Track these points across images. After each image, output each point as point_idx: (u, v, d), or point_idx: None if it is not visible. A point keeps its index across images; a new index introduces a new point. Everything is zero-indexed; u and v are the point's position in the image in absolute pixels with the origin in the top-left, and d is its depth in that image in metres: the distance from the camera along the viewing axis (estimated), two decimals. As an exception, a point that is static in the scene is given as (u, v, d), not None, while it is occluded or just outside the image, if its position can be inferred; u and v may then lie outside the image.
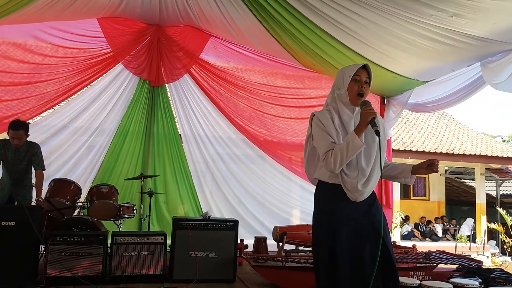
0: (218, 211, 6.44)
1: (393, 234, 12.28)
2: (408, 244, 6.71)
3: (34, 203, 4.48)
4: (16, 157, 4.63)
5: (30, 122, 5.57)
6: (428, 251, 5.07)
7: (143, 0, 5.38)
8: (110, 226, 5.29)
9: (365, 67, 2.44)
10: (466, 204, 17.08)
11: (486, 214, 14.57)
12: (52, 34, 5.74)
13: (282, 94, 6.66)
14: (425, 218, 15.12)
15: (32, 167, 4.72)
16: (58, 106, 6.01)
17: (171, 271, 4.16)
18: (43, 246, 4.02)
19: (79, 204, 4.99)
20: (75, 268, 3.91)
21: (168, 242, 4.29)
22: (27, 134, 4.63)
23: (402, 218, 13.70)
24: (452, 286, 3.33)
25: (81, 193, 5.06)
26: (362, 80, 2.41)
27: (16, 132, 4.53)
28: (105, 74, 6.17)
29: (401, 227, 13.93)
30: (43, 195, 4.62)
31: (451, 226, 15.27)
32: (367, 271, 2.28)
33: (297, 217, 6.78)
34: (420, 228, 14.66)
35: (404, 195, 15.76)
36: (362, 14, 4.15)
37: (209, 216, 4.42)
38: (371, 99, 2.49)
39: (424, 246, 10.78)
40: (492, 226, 13.75)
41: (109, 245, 4.18)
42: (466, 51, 4.39)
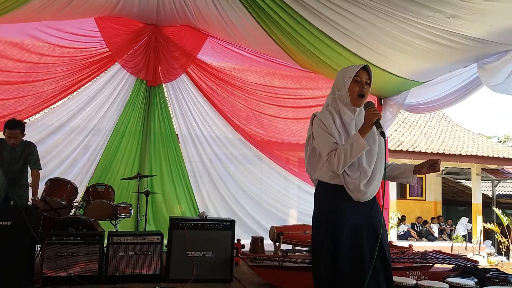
0: (215, 211, 6.43)
1: (389, 234, 12.30)
2: (404, 244, 6.73)
3: (30, 203, 4.46)
4: (12, 156, 4.62)
5: (26, 122, 5.55)
6: (424, 251, 5.08)
7: (140, 0, 5.37)
8: (106, 226, 5.27)
9: (365, 68, 2.44)
10: (462, 204, 17.15)
11: (482, 214, 14.63)
12: (49, 33, 5.72)
13: (279, 95, 6.66)
14: (421, 218, 15.16)
15: (28, 166, 4.71)
16: (54, 106, 5.99)
17: (168, 271, 4.16)
18: (39, 245, 4.01)
19: (75, 203, 4.97)
20: (71, 268, 3.90)
21: (165, 242, 4.29)
22: (23, 133, 4.62)
23: (398, 218, 13.74)
24: (448, 285, 3.34)
25: (77, 192, 5.05)
26: (362, 81, 2.41)
27: (12, 131, 4.51)
28: (102, 74, 6.15)
29: (397, 227, 13.96)
30: (39, 195, 4.61)
31: (447, 226, 15.32)
32: (367, 272, 2.27)
33: (294, 217, 6.79)
34: (416, 228, 14.71)
35: (401, 195, 15.81)
36: (359, 14, 4.16)
37: (205, 216, 4.42)
38: (368, 100, 2.50)
39: (420, 246, 10.81)
40: (488, 226, 13.82)
41: (105, 244, 4.17)
42: (463, 52, 4.41)
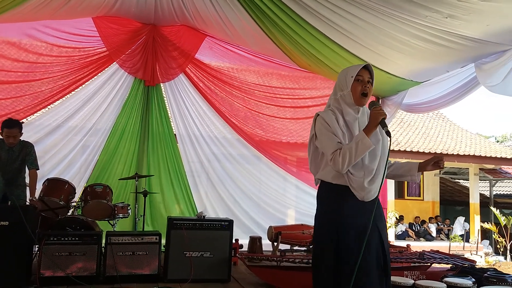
0: (213, 211, 6.43)
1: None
2: (402, 244, 6.75)
3: (28, 203, 4.46)
4: (10, 156, 4.61)
5: (24, 122, 5.54)
6: (422, 250, 5.10)
7: (138, 0, 5.36)
8: (104, 226, 5.27)
9: (366, 67, 2.44)
10: (460, 204, 17.18)
11: (480, 214, 14.66)
12: (47, 33, 5.71)
13: (277, 94, 6.66)
14: (419, 218, 15.19)
15: (26, 166, 4.70)
16: (52, 106, 5.97)
17: (166, 271, 4.16)
18: (37, 246, 4.00)
19: (73, 203, 4.97)
20: (69, 268, 3.89)
21: (163, 242, 4.29)
22: (21, 132, 4.61)
23: (396, 218, 13.76)
24: (445, 285, 3.35)
25: (75, 192, 5.04)
26: (365, 80, 2.42)
27: (11, 130, 4.51)
28: (100, 74, 6.14)
29: (395, 227, 13.98)
30: (37, 195, 4.60)
31: (445, 226, 15.34)
32: (371, 272, 2.28)
33: (292, 217, 6.79)
34: (414, 228, 14.73)
35: (399, 195, 15.83)
36: (357, 14, 4.16)
37: (204, 216, 4.42)
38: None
39: (418, 246, 10.83)
40: (486, 226, 13.84)
41: (103, 245, 4.17)
42: (460, 52, 4.42)
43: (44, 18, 5.44)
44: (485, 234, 15.26)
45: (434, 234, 14.72)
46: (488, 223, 14.09)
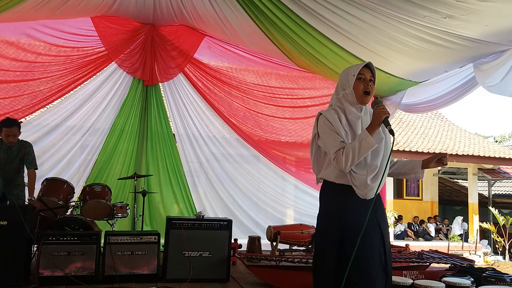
0: (212, 211, 6.43)
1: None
2: (401, 243, 6.75)
3: (26, 203, 4.45)
4: (8, 156, 4.60)
5: (22, 121, 5.53)
6: (421, 250, 5.10)
7: (137, -1, 5.36)
8: (103, 225, 5.27)
9: (368, 66, 2.44)
10: (459, 204, 17.20)
11: (479, 214, 14.68)
12: (46, 32, 5.70)
13: (276, 94, 6.67)
14: (418, 217, 15.21)
15: (24, 166, 4.70)
16: (51, 105, 5.97)
17: (165, 270, 4.16)
18: (36, 245, 3.99)
19: (72, 203, 4.96)
20: (68, 267, 3.89)
21: (162, 241, 4.28)
22: (19, 131, 4.61)
23: (395, 217, 13.77)
24: (444, 285, 3.35)
25: (74, 192, 5.03)
26: (367, 78, 2.41)
27: (10, 129, 4.51)
28: (98, 73, 6.13)
29: (394, 227, 13.99)
30: (35, 195, 4.60)
31: (444, 226, 15.36)
32: (375, 272, 2.28)
33: (291, 216, 6.79)
34: (413, 227, 14.74)
35: (397, 195, 15.84)
36: (356, 14, 4.16)
37: (203, 216, 4.42)
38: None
39: (417, 245, 10.84)
40: (484, 225, 13.87)
41: (102, 244, 4.16)
42: (459, 52, 4.42)
43: (42, 17, 5.43)
44: (483, 234, 15.28)
45: (433, 234, 14.74)
46: (486, 223, 14.12)
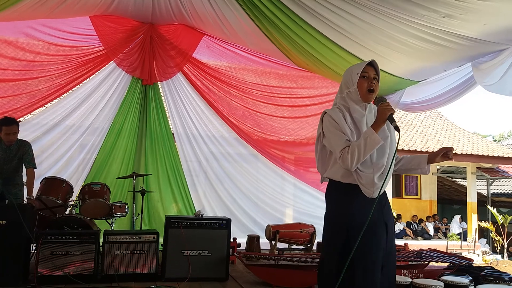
0: (211, 210, 6.43)
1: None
2: (400, 242, 6.76)
3: (25, 202, 4.45)
4: (7, 155, 4.60)
5: (21, 120, 5.53)
6: (420, 249, 5.11)
7: (135, -2, 5.35)
8: (102, 224, 5.27)
9: (372, 64, 2.43)
10: (458, 203, 17.23)
11: (477, 213, 14.71)
12: (44, 31, 5.69)
13: (275, 93, 6.66)
14: (416, 216, 15.22)
15: (23, 165, 4.69)
16: (49, 104, 5.96)
17: (164, 269, 4.16)
18: (35, 244, 3.99)
19: (71, 202, 4.95)
20: (67, 267, 3.89)
21: (161, 240, 4.29)
22: (18, 129, 4.61)
23: (394, 216, 13.75)
24: (443, 284, 3.35)
25: (72, 191, 5.02)
26: (370, 76, 2.41)
27: (10, 127, 4.51)
28: (97, 72, 6.13)
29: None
30: (34, 194, 4.59)
31: (443, 225, 15.38)
32: (376, 270, 2.27)
33: (290, 216, 6.80)
34: (412, 226, 14.76)
35: (396, 193, 15.85)
36: (355, 13, 4.17)
37: (202, 215, 4.42)
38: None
39: (415, 244, 10.85)
40: (483, 224, 13.89)
41: (101, 243, 4.16)
42: (457, 52, 4.43)
43: (41, 16, 5.43)
44: (482, 233, 15.31)
45: (432, 232, 14.76)
46: (485, 221, 14.14)
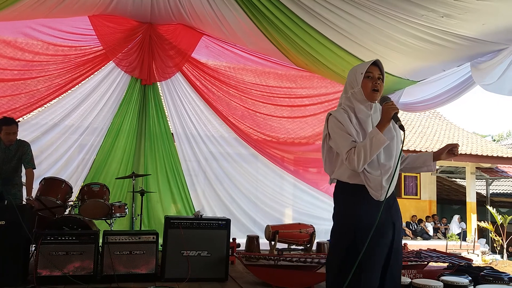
0: (210, 210, 6.43)
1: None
2: (399, 242, 6.75)
3: (24, 202, 4.44)
4: (6, 155, 4.60)
5: (20, 120, 5.52)
6: (419, 249, 5.11)
7: (134, -2, 5.35)
8: (101, 225, 5.26)
9: (376, 64, 2.41)
10: (457, 203, 17.23)
11: (477, 213, 14.71)
12: (43, 31, 5.69)
13: (274, 93, 6.67)
14: (416, 216, 15.22)
15: (22, 165, 4.69)
16: (48, 104, 5.96)
17: (163, 270, 4.16)
18: (34, 245, 3.99)
19: (70, 203, 4.95)
20: (66, 267, 3.88)
21: (160, 241, 4.28)
22: (18, 129, 4.62)
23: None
24: (442, 284, 3.35)
25: (72, 192, 5.02)
26: (375, 76, 2.39)
27: (10, 127, 4.51)
28: (96, 72, 6.13)
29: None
30: (33, 194, 4.59)
31: (442, 225, 15.39)
32: (389, 271, 2.28)
33: (289, 216, 6.80)
34: (411, 227, 14.76)
35: (396, 193, 15.83)
36: (354, 13, 4.16)
37: (201, 215, 4.42)
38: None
39: (415, 244, 10.85)
40: (482, 224, 13.88)
41: (100, 244, 4.16)
42: (456, 51, 4.43)
43: (40, 16, 5.42)
44: (481, 233, 15.31)
45: (431, 233, 14.75)
46: (484, 222, 14.14)
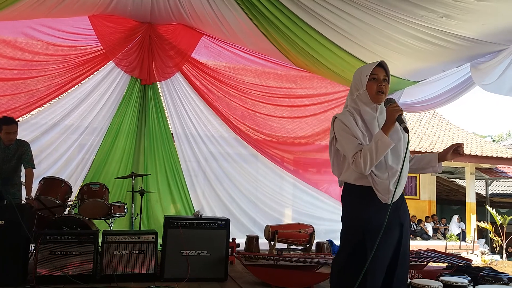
0: (210, 210, 6.43)
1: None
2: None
3: (24, 202, 4.44)
4: (6, 155, 4.59)
5: (20, 120, 5.52)
6: (419, 249, 5.11)
7: (134, -2, 5.35)
8: (101, 225, 5.26)
9: (381, 65, 2.39)
10: (456, 203, 17.24)
11: (476, 213, 14.72)
12: (43, 31, 5.69)
13: (274, 94, 6.68)
14: (415, 217, 15.21)
15: (22, 165, 4.69)
16: (48, 104, 5.95)
17: (162, 270, 4.15)
18: (33, 245, 3.98)
19: (69, 202, 4.95)
20: (66, 267, 3.88)
21: (160, 241, 4.28)
22: (18, 129, 4.62)
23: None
24: (442, 284, 3.35)
25: (71, 191, 5.01)
26: (380, 78, 2.36)
27: (10, 126, 4.52)
28: (96, 72, 6.13)
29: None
30: (33, 194, 4.59)
31: (441, 225, 15.39)
32: (396, 272, 2.30)
33: (289, 216, 6.80)
34: (411, 227, 14.76)
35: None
36: (354, 14, 4.17)
37: (200, 215, 4.42)
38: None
39: (415, 245, 10.86)
40: (482, 225, 13.89)
41: (100, 244, 4.16)
42: (456, 52, 4.43)
43: (39, 16, 5.42)
44: (481, 233, 15.31)
45: (431, 233, 14.75)
46: (484, 222, 14.15)
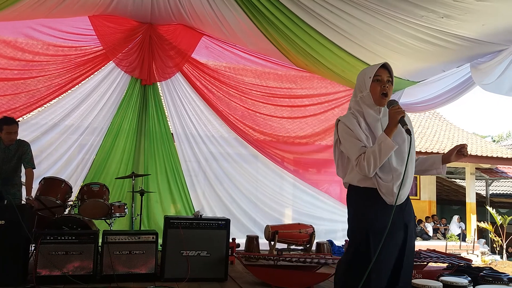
0: (210, 210, 6.43)
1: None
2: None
3: (24, 202, 4.44)
4: (6, 155, 4.60)
5: (20, 120, 5.52)
6: (419, 250, 5.10)
7: (134, -2, 5.36)
8: (101, 225, 5.26)
9: (385, 66, 2.39)
10: (457, 203, 17.23)
11: (476, 213, 14.71)
12: (43, 31, 5.70)
13: (274, 94, 6.68)
14: (416, 217, 15.16)
15: (22, 165, 4.69)
16: (48, 104, 5.96)
17: (163, 270, 4.15)
18: (33, 245, 3.98)
19: (69, 202, 4.95)
20: (66, 267, 3.88)
21: (160, 241, 4.28)
22: (18, 129, 4.62)
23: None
24: (442, 284, 3.35)
25: (71, 191, 5.01)
26: (384, 79, 2.36)
27: (11, 126, 4.52)
28: (96, 72, 6.13)
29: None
30: (33, 194, 4.59)
31: (442, 225, 15.38)
32: (383, 271, 2.28)
33: (289, 216, 6.80)
34: (416, 227, 14.75)
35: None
36: (354, 14, 4.17)
37: (201, 215, 4.42)
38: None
39: (415, 245, 10.80)
40: (482, 225, 13.88)
41: (100, 244, 4.16)
42: (456, 52, 4.44)
43: (40, 16, 5.43)
44: (481, 234, 15.30)
45: (431, 233, 14.74)
46: (484, 222, 14.14)
